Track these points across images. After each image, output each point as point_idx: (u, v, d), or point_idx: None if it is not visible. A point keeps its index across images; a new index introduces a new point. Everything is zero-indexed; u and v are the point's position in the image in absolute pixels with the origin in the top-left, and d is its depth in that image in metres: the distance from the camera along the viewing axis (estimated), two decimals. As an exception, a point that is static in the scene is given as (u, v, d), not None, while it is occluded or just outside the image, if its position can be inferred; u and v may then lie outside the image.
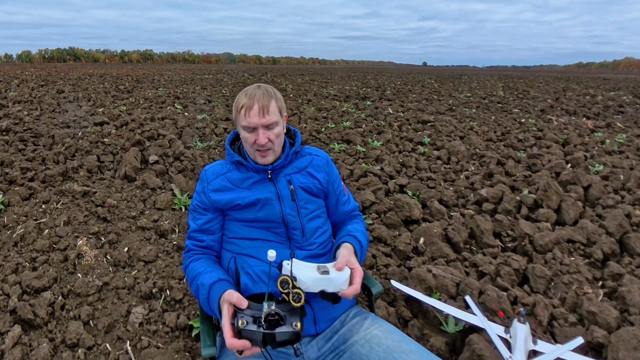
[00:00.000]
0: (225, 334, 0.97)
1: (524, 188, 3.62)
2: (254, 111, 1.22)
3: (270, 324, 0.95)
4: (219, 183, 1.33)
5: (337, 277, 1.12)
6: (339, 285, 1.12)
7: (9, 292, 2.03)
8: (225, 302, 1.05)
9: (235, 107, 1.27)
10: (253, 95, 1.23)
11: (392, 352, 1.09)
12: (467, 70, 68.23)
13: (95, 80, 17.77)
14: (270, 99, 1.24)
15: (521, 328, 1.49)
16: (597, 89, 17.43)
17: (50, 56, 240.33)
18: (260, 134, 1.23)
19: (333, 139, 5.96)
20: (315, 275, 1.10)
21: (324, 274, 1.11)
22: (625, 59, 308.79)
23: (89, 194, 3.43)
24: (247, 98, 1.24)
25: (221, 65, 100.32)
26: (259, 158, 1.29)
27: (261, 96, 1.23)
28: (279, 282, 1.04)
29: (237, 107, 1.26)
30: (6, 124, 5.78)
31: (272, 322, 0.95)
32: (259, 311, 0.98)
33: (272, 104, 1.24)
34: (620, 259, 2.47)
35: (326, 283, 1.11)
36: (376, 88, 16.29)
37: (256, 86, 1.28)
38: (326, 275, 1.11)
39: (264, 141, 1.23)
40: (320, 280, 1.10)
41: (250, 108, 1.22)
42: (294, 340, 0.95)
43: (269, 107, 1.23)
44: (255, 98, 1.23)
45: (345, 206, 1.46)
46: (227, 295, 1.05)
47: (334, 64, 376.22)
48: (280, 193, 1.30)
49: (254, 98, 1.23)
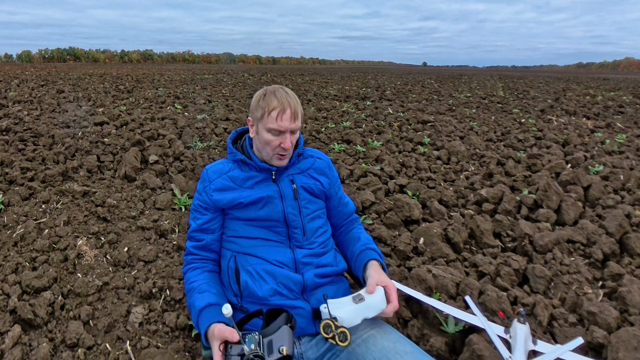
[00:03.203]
0: None
1: (524, 188, 3.62)
2: (286, 115, 1.22)
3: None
4: (221, 182, 1.32)
5: (373, 300, 1.14)
6: (377, 307, 1.14)
7: (9, 292, 2.03)
8: (215, 339, 1.05)
9: (261, 107, 1.24)
10: (284, 99, 1.23)
11: (387, 352, 1.09)
12: (467, 71, 68.23)
13: (95, 80, 17.77)
14: (298, 104, 1.26)
15: (521, 328, 1.49)
16: (597, 89, 17.42)
17: (50, 56, 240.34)
18: (288, 138, 1.23)
19: (333, 139, 5.96)
20: (353, 307, 1.12)
21: (360, 302, 1.13)
22: (625, 59, 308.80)
23: (89, 194, 3.43)
24: (278, 101, 1.22)
25: (221, 65, 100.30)
26: (276, 160, 1.29)
27: (293, 100, 1.24)
28: (322, 328, 1.04)
29: (267, 109, 1.22)
30: (6, 124, 5.78)
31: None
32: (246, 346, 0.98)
33: (299, 109, 1.26)
34: (620, 259, 2.47)
35: (365, 310, 1.13)
36: (376, 88, 16.29)
37: (282, 89, 1.27)
38: (362, 302, 1.13)
39: (289, 145, 1.24)
40: (359, 310, 1.12)
41: (284, 112, 1.21)
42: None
43: (298, 112, 1.25)
44: (287, 102, 1.22)
45: (347, 207, 1.48)
46: (218, 332, 1.04)
47: (334, 64, 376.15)
48: (282, 192, 1.30)
49: (286, 102, 1.22)
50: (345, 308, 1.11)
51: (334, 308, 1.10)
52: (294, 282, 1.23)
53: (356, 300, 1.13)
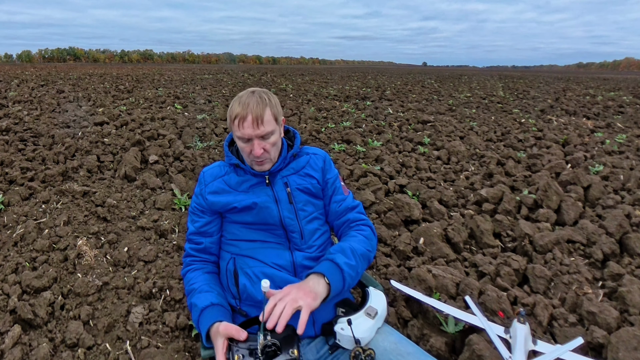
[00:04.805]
0: None
1: (524, 188, 3.62)
2: (247, 122, 1.16)
3: (267, 355, 0.92)
4: (217, 185, 1.31)
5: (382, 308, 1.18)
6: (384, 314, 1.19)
7: (9, 292, 2.03)
8: (219, 336, 1.01)
9: (229, 116, 1.21)
10: (247, 105, 1.17)
11: (388, 354, 1.09)
12: (467, 71, 68.21)
13: (95, 80, 17.76)
14: (264, 108, 1.18)
15: (521, 328, 1.49)
16: (597, 89, 17.42)
17: (50, 56, 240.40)
18: (256, 145, 1.18)
19: (333, 139, 5.96)
20: (371, 324, 1.12)
21: (375, 316, 1.15)
22: (625, 59, 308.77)
23: (89, 194, 3.43)
24: (240, 107, 1.18)
25: (221, 65, 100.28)
26: (255, 166, 1.27)
27: (255, 105, 1.17)
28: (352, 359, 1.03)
29: (231, 116, 1.19)
30: (6, 124, 5.78)
31: (269, 353, 0.92)
32: (254, 342, 0.95)
33: (266, 113, 1.18)
34: (620, 259, 2.46)
35: (378, 322, 1.16)
36: (376, 88, 16.28)
37: (250, 92, 1.22)
38: (377, 315, 1.15)
39: (259, 152, 1.19)
40: (375, 324, 1.14)
41: (244, 119, 1.16)
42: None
43: (263, 116, 1.17)
44: (249, 108, 1.16)
45: (338, 205, 1.37)
46: (223, 328, 1.01)
47: (334, 64, 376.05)
48: (277, 196, 1.28)
49: (248, 107, 1.16)
50: (365, 327, 1.11)
51: (355, 330, 1.09)
52: None
53: (372, 315, 1.14)
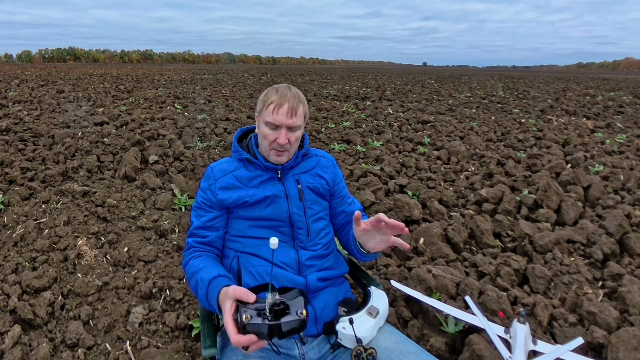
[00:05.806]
0: (229, 331, 0.92)
1: (524, 188, 3.62)
2: (282, 110, 1.23)
3: (275, 314, 0.91)
4: (227, 181, 1.31)
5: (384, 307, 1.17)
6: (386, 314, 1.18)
7: (8, 292, 2.03)
8: (227, 299, 1.00)
9: (262, 101, 1.27)
10: (284, 95, 1.25)
11: (390, 353, 1.09)
12: (467, 71, 68.20)
13: (95, 80, 17.77)
14: (299, 103, 1.26)
15: (521, 328, 1.49)
16: (597, 89, 17.43)
17: (50, 56, 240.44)
18: (283, 133, 1.24)
19: (333, 139, 5.96)
20: (372, 323, 1.13)
21: (377, 315, 1.15)
22: (625, 59, 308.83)
23: (89, 194, 3.43)
24: (278, 96, 1.25)
25: (221, 65, 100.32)
26: (272, 156, 1.29)
27: (292, 97, 1.25)
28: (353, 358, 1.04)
29: (266, 102, 1.26)
30: (6, 124, 5.78)
31: (277, 312, 0.91)
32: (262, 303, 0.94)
33: (300, 108, 1.26)
34: (620, 259, 2.47)
35: (379, 321, 1.16)
36: (376, 88, 16.29)
37: (287, 87, 1.29)
38: (379, 314, 1.15)
39: (284, 141, 1.23)
40: (377, 323, 1.14)
41: (280, 106, 1.23)
42: (300, 328, 0.93)
43: (297, 109, 1.25)
44: (286, 98, 1.24)
45: (351, 207, 1.46)
46: (232, 291, 0.99)
47: (334, 64, 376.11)
48: (288, 191, 1.30)
49: (285, 97, 1.24)
50: (365, 326, 1.12)
51: (357, 329, 1.10)
52: (297, 285, 1.22)
53: (373, 315, 1.14)
